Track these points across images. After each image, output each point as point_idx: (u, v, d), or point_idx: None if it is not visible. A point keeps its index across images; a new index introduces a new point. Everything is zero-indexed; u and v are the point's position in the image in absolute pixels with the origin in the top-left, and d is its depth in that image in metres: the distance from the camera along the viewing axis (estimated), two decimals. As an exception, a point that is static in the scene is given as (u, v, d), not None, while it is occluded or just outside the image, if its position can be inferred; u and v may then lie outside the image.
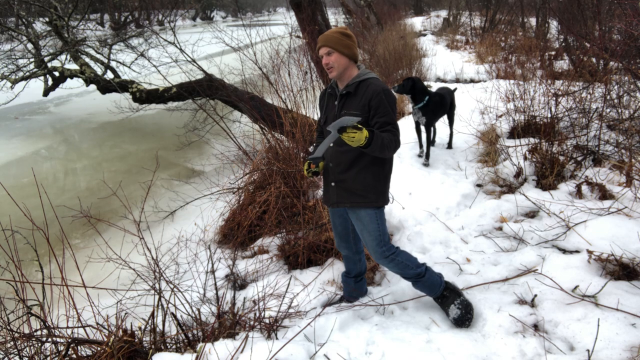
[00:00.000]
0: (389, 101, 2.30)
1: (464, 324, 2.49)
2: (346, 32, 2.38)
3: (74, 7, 9.64)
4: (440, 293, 2.57)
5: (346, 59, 2.36)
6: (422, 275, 2.52)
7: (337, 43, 2.34)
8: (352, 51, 2.37)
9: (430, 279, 2.55)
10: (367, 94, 2.32)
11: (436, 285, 2.56)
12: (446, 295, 2.56)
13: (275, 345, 2.09)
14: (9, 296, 2.13)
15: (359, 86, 2.37)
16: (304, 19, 6.35)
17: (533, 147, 4.23)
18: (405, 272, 2.51)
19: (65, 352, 2.03)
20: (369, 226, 2.44)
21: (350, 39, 2.37)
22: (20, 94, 9.81)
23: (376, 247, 2.46)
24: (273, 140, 4.69)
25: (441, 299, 2.58)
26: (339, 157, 2.42)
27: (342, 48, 2.34)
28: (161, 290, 2.31)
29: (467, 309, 2.51)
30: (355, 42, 2.40)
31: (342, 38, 2.35)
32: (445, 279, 2.67)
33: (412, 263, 2.51)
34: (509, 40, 12.34)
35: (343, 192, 2.46)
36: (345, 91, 2.39)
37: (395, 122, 2.32)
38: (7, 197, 2.39)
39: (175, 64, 6.26)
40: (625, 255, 2.64)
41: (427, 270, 2.55)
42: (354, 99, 2.37)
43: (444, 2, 23.88)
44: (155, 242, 2.95)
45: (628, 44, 4.22)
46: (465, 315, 2.49)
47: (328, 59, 2.36)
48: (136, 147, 8.91)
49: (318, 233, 3.67)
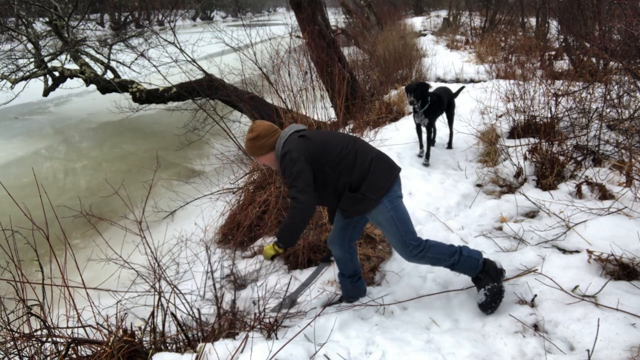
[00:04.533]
0: (286, 165, 2.36)
1: (485, 310, 2.50)
2: (252, 137, 2.47)
3: (74, 7, 9.63)
4: (475, 275, 2.57)
5: (268, 154, 2.51)
6: (457, 261, 2.52)
7: (253, 151, 2.52)
8: (267, 145, 2.47)
9: (466, 264, 2.54)
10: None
11: (472, 269, 2.55)
12: (480, 278, 2.55)
13: (275, 345, 2.09)
14: (9, 296, 2.13)
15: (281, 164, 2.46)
16: (304, 19, 6.35)
17: (533, 147, 4.23)
18: (441, 264, 2.52)
19: (65, 352, 2.03)
20: (389, 230, 2.46)
21: (258, 139, 2.46)
22: (20, 94, 9.81)
23: (402, 250, 2.47)
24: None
25: (475, 280, 2.59)
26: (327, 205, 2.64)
27: (259, 151, 2.50)
28: (161, 290, 2.31)
29: (494, 297, 2.49)
30: (264, 135, 2.46)
31: (253, 144, 2.48)
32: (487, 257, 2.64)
33: (444, 255, 2.50)
34: (509, 40, 12.33)
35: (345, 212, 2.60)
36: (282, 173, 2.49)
37: (294, 184, 2.34)
38: (7, 197, 2.39)
39: (175, 64, 6.26)
40: (625, 255, 2.64)
41: (461, 257, 2.52)
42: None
43: (444, 2, 23.87)
44: (156, 242, 2.95)
45: (628, 44, 4.22)
46: (489, 303, 2.49)
47: (260, 160, 2.60)
48: (136, 147, 8.91)
49: (318, 233, 3.67)
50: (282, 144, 2.44)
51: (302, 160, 2.33)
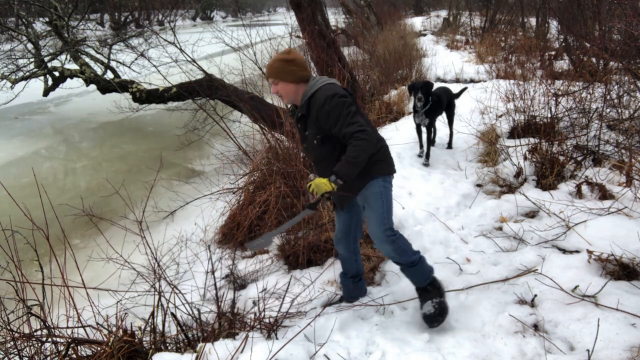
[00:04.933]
0: (335, 107, 2.25)
1: (432, 323, 2.47)
2: (286, 58, 2.36)
3: (74, 7, 9.63)
4: (424, 285, 2.55)
5: (292, 85, 2.38)
6: (415, 263, 2.51)
7: (278, 73, 2.36)
8: (297, 75, 2.36)
9: (422, 270, 2.54)
10: (314, 111, 2.34)
11: (424, 278, 2.55)
12: (429, 290, 2.54)
13: (275, 345, 2.09)
14: (9, 296, 2.13)
15: (309, 104, 2.37)
16: (304, 19, 6.35)
17: (533, 147, 4.23)
18: (402, 258, 2.48)
19: (65, 352, 2.03)
20: (373, 203, 2.43)
21: (292, 63, 2.35)
22: (20, 94, 9.79)
23: (377, 227, 2.42)
24: (273, 140, 4.69)
25: (422, 291, 2.56)
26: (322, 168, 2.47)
27: (285, 76, 2.35)
28: (161, 290, 2.31)
29: (441, 311, 2.48)
30: (299, 63, 2.37)
31: (283, 66, 2.35)
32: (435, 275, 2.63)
33: (410, 250, 2.50)
34: (509, 40, 12.33)
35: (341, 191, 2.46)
36: (300, 114, 2.41)
37: (351, 121, 2.24)
38: (7, 197, 2.39)
39: (175, 64, 6.25)
40: (625, 255, 2.64)
41: (421, 260, 2.54)
42: (308, 119, 2.40)
43: (444, 2, 23.87)
44: (156, 242, 2.95)
45: (628, 44, 4.22)
46: (436, 316, 2.47)
47: (275, 88, 2.41)
48: (136, 147, 8.91)
49: (318, 233, 3.67)
50: (320, 87, 2.35)
51: (354, 103, 2.31)
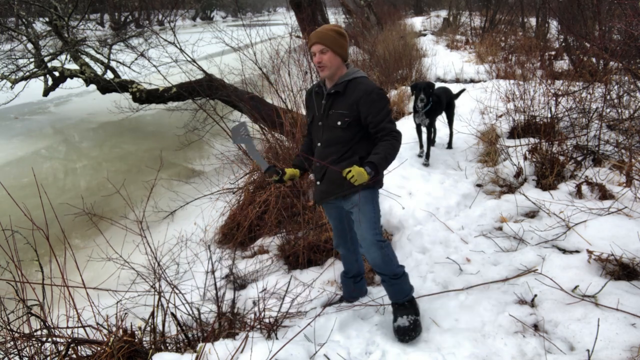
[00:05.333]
0: (381, 100, 2.30)
1: (404, 337, 2.41)
2: (341, 31, 2.34)
3: (74, 7, 9.63)
4: (402, 301, 2.49)
5: (339, 59, 2.33)
6: (398, 276, 2.44)
7: (332, 42, 2.29)
8: (345, 51, 2.35)
9: (404, 284, 2.48)
10: (355, 94, 2.31)
11: (404, 293, 2.49)
12: (407, 306, 2.48)
13: (275, 345, 2.09)
14: (9, 296, 2.13)
15: (347, 85, 2.34)
16: (304, 19, 6.35)
17: (533, 147, 4.23)
18: (386, 268, 2.40)
19: (65, 352, 2.03)
20: (364, 207, 2.37)
21: (344, 38, 2.35)
22: (20, 94, 9.80)
23: (368, 231, 2.36)
24: (273, 140, 4.69)
25: (399, 306, 2.49)
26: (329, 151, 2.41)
27: (337, 47, 2.30)
28: (161, 290, 2.31)
29: (415, 327, 2.44)
30: (347, 41, 2.39)
31: (337, 37, 2.31)
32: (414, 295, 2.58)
33: (395, 261, 2.46)
34: (509, 40, 12.33)
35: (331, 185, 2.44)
36: (334, 90, 2.36)
37: (391, 119, 2.32)
38: (7, 197, 2.39)
39: (175, 64, 6.25)
40: (625, 255, 2.64)
41: (404, 275, 2.49)
42: (342, 98, 2.35)
43: (444, 2, 23.87)
44: (156, 242, 2.95)
45: (628, 44, 4.22)
46: (410, 330, 2.41)
47: (321, 57, 2.30)
48: (136, 147, 8.91)
49: (318, 233, 3.66)
50: (363, 76, 2.37)
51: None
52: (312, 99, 2.53)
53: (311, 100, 2.54)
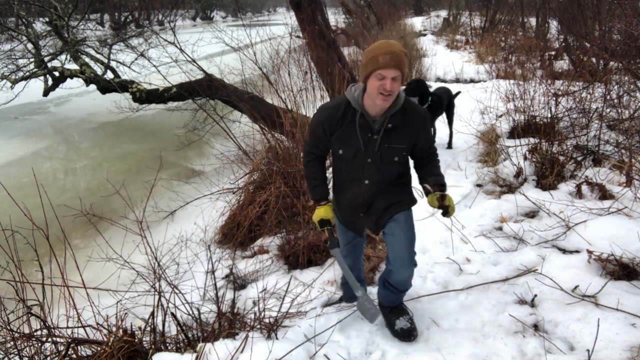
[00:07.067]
0: (428, 125, 2.17)
1: (408, 338, 2.41)
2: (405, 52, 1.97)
3: (74, 7, 9.63)
4: (398, 303, 2.54)
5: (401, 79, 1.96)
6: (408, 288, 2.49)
7: (405, 66, 1.92)
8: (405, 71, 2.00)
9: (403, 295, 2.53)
10: (414, 124, 2.07)
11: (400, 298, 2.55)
12: (400, 308, 2.53)
13: (275, 345, 2.09)
14: (9, 296, 2.13)
15: (403, 115, 2.06)
16: (304, 19, 6.35)
17: (533, 147, 4.23)
18: (409, 285, 2.44)
19: (65, 352, 2.03)
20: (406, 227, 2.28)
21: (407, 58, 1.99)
22: (20, 94, 9.79)
23: (410, 250, 2.28)
24: (273, 140, 4.69)
25: (394, 309, 2.52)
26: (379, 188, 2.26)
27: (404, 66, 1.92)
28: (161, 290, 2.31)
29: (414, 326, 2.47)
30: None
31: (404, 56, 1.93)
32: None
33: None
34: (509, 40, 12.34)
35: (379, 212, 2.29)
36: (392, 125, 2.06)
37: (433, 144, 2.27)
38: (7, 197, 2.39)
39: (175, 64, 6.25)
40: (625, 255, 2.64)
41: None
42: (399, 130, 2.07)
43: (444, 2, 23.88)
44: (156, 242, 2.95)
45: (628, 44, 4.22)
46: (412, 330, 2.44)
47: (394, 85, 1.89)
48: (136, 147, 8.91)
49: (318, 233, 3.66)
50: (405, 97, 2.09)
51: None
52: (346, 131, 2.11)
53: (346, 132, 2.10)
